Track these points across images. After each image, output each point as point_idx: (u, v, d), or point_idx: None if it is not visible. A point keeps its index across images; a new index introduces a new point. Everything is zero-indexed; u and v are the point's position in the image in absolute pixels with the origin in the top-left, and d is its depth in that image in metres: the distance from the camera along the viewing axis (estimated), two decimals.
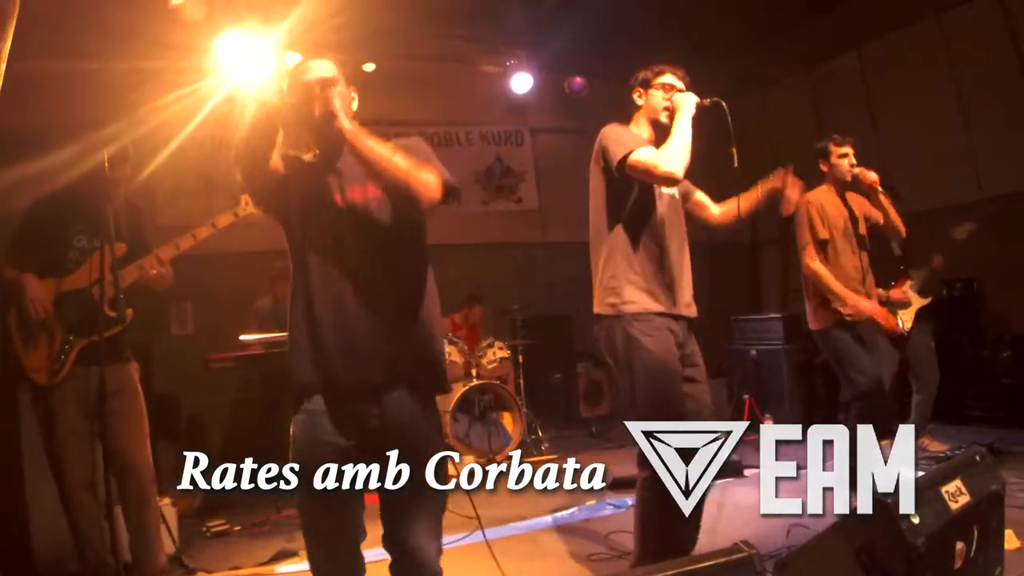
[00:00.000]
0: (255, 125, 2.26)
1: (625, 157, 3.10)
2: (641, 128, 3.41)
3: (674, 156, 3.07)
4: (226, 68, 6.55)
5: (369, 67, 7.66)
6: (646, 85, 3.41)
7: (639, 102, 3.44)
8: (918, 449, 5.67)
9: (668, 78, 3.38)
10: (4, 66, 1.91)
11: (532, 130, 9.47)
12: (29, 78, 5.19)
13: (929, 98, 7.48)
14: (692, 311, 3.43)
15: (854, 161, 4.53)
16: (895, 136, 7.67)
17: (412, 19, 7.63)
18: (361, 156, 2.27)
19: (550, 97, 8.89)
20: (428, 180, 2.33)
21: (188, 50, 6.46)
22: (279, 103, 2.28)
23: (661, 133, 3.27)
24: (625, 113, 3.47)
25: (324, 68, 2.43)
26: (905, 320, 5.63)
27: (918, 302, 5.66)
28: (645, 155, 3.10)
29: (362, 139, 2.26)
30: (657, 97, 3.36)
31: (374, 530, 2.48)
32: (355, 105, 2.54)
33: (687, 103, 3.22)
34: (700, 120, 3.26)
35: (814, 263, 4.49)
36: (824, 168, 4.67)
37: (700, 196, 3.69)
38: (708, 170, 3.64)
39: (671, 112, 3.26)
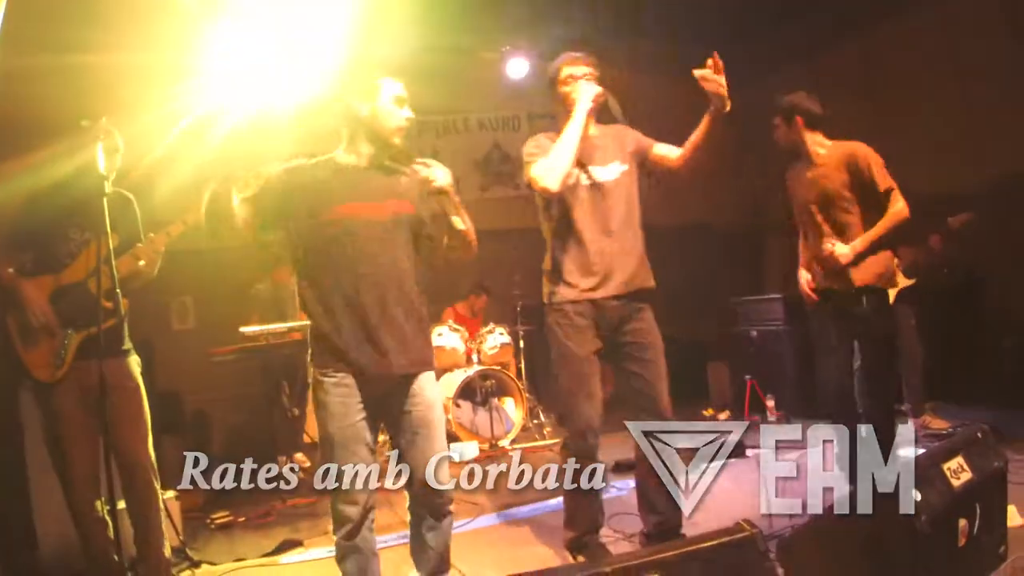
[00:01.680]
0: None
1: (527, 176, 3.45)
2: (562, 127, 3.48)
3: (551, 171, 3.32)
4: (222, 62, 6.54)
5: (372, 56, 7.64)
6: (553, 85, 3.59)
7: (556, 106, 3.63)
8: (919, 427, 5.68)
9: (568, 70, 3.54)
10: None
11: (529, 116, 9.44)
12: (23, 72, 5.18)
13: (931, 86, 7.45)
14: (632, 287, 3.55)
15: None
16: (897, 124, 7.64)
17: (408, 6, 7.60)
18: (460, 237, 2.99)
19: (547, 82, 8.84)
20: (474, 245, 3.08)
21: (184, 44, 6.42)
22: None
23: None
24: (626, 99, 3.59)
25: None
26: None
27: (902, 282, 5.63)
28: (535, 170, 3.39)
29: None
30: (563, 94, 3.53)
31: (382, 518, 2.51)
32: None
33: (582, 98, 3.38)
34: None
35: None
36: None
37: (659, 150, 3.72)
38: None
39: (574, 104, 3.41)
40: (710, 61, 3.32)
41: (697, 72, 3.34)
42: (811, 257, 4.36)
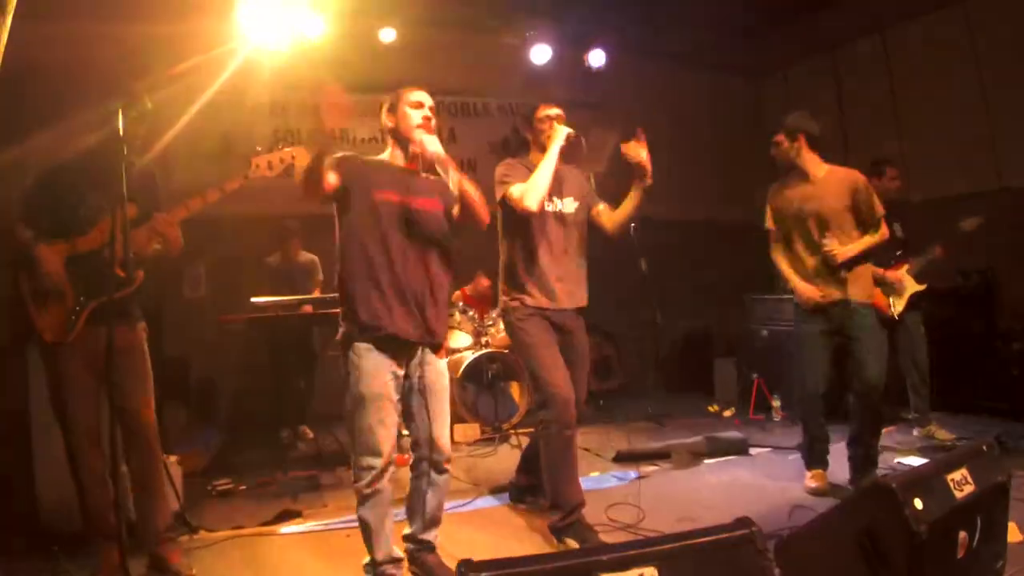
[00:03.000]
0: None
1: (503, 194, 3.98)
2: (533, 156, 4.15)
3: (532, 193, 3.84)
4: (246, 31, 6.54)
5: (387, 36, 7.62)
6: (529, 124, 4.24)
7: (528, 137, 4.26)
8: (925, 437, 5.66)
9: (543, 112, 4.18)
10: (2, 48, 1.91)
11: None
12: (47, 41, 5.19)
13: (952, 85, 7.39)
14: (575, 303, 4.15)
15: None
16: (916, 121, 7.60)
17: None
18: (462, 193, 3.31)
19: (569, 70, 8.80)
20: (486, 214, 3.46)
21: (208, 13, 6.43)
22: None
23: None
24: (648, 89, 3.70)
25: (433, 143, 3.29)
26: (898, 305, 5.61)
27: (912, 287, 5.61)
28: (513, 192, 3.92)
29: (465, 183, 3.31)
30: (538, 131, 4.16)
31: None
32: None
33: (558, 137, 3.95)
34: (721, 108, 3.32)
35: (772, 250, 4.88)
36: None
37: (598, 210, 4.27)
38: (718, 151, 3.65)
39: (550, 141, 3.97)
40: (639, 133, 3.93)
41: (624, 146, 3.95)
42: (805, 272, 4.62)
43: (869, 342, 4.40)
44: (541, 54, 8.53)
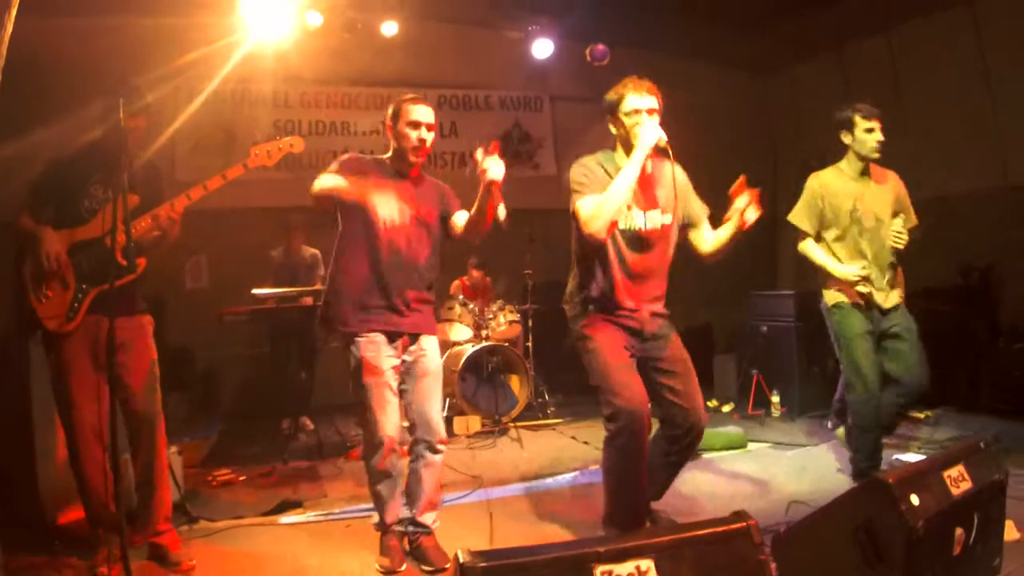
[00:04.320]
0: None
1: (573, 209, 3.40)
2: (619, 154, 3.52)
3: (599, 217, 3.23)
4: (249, 24, 6.54)
5: (389, 29, 7.61)
6: (614, 113, 3.47)
7: (613, 131, 3.54)
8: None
9: (631, 102, 3.39)
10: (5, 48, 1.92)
11: (552, 97, 9.40)
12: (51, 33, 5.20)
13: (958, 84, 7.37)
14: (654, 324, 3.54)
15: (881, 138, 4.29)
16: (922, 119, 7.57)
17: None
18: (488, 215, 3.45)
19: (571, 64, 8.78)
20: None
21: (211, 6, 6.43)
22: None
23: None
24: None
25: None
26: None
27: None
28: (582, 210, 3.32)
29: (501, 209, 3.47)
30: (625, 126, 3.42)
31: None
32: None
33: (645, 141, 3.24)
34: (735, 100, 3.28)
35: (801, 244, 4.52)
36: (847, 141, 4.38)
37: (700, 232, 3.65)
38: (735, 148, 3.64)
39: (636, 142, 3.31)
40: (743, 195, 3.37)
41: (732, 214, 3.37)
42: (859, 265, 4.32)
43: (916, 342, 4.29)
44: (543, 48, 8.51)
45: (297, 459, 5.47)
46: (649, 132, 3.24)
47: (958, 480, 2.54)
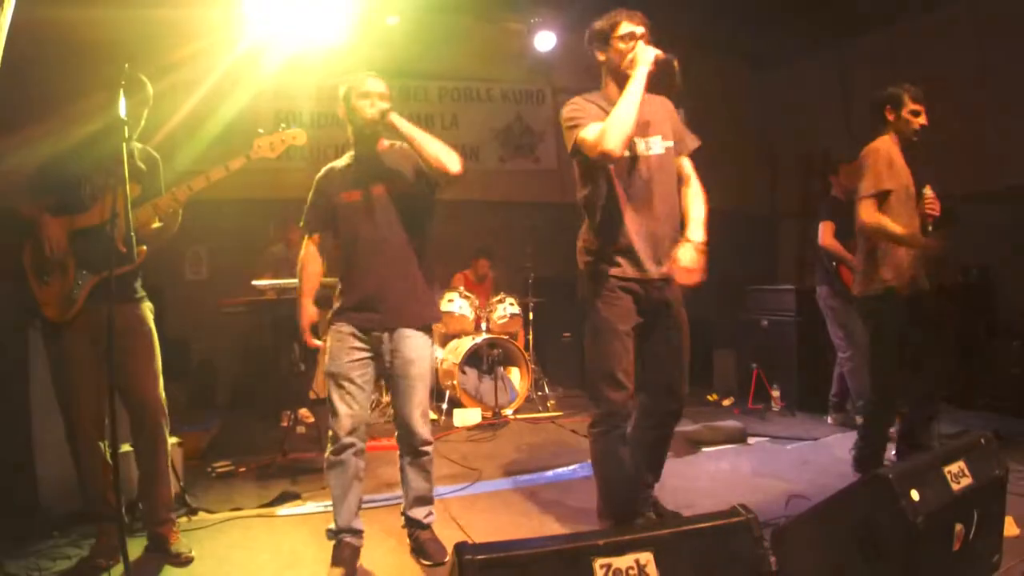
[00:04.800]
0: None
1: (575, 140, 3.24)
2: (610, 89, 3.40)
3: (611, 133, 3.07)
4: (250, 16, 6.53)
5: (392, 20, 7.59)
6: (605, 40, 3.37)
7: (602, 59, 3.43)
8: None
9: (626, 28, 3.32)
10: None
11: (554, 90, 9.39)
12: (49, 26, 5.17)
13: (958, 82, 7.36)
14: (664, 271, 3.37)
15: (925, 122, 4.20)
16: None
17: None
18: (410, 139, 3.23)
19: (574, 57, 8.73)
20: (455, 157, 3.28)
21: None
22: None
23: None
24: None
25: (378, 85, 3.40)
26: None
27: None
28: (587, 135, 3.17)
29: (412, 128, 3.22)
30: (617, 53, 3.32)
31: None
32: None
33: (644, 59, 3.17)
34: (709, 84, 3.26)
35: (873, 215, 4.13)
36: (890, 117, 4.25)
37: (681, 164, 3.56)
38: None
39: (633, 66, 3.21)
40: None
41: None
42: (899, 253, 4.17)
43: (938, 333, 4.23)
44: (546, 41, 8.50)
45: (296, 451, 5.46)
46: (648, 50, 3.19)
47: (959, 476, 2.54)
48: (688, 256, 3.24)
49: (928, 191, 4.23)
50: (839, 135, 8.76)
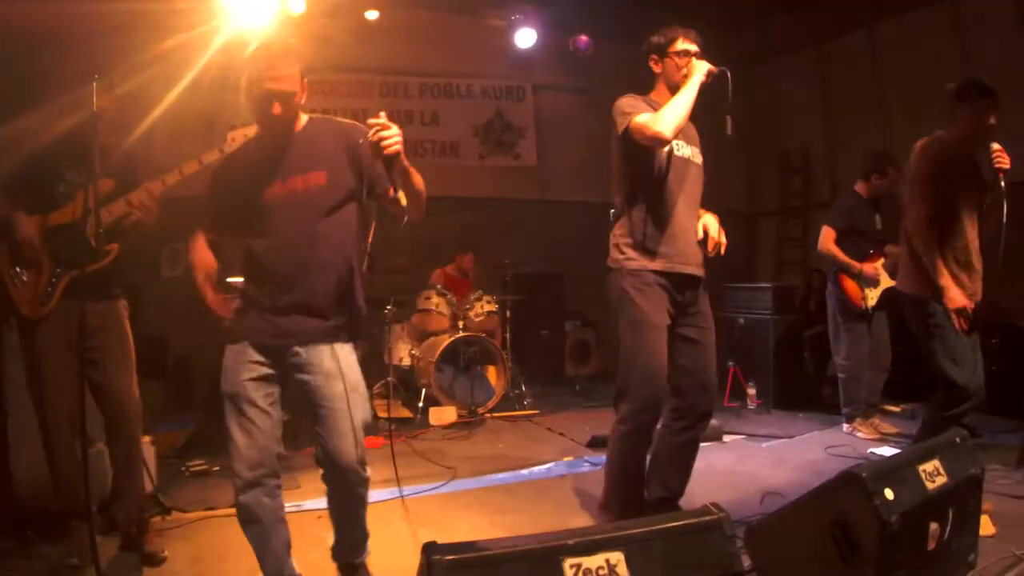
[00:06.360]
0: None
1: (627, 125, 3.33)
2: (661, 94, 3.54)
3: (665, 118, 3.23)
4: (229, 9, 6.47)
5: (372, 15, 7.55)
6: (661, 53, 3.55)
7: (656, 70, 3.60)
8: (871, 428, 5.67)
9: (682, 45, 3.51)
10: None
11: (535, 87, 9.35)
12: (26, 18, 5.12)
13: (939, 81, 7.40)
14: (699, 271, 3.56)
15: (993, 122, 4.11)
16: (902, 116, 7.60)
17: None
18: (410, 183, 2.68)
19: (554, 54, 8.77)
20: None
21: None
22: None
23: None
24: (634, 75, 3.55)
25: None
26: (871, 298, 5.60)
27: (886, 282, 5.58)
28: (641, 119, 3.29)
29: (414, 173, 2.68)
30: (673, 66, 3.50)
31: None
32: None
33: (699, 70, 3.37)
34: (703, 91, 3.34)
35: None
36: (959, 113, 4.22)
37: None
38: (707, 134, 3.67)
39: (688, 78, 3.39)
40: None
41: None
42: (959, 271, 4.20)
43: (977, 341, 4.23)
44: (526, 38, 8.48)
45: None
46: (702, 64, 3.40)
47: (934, 474, 2.54)
48: (716, 224, 3.50)
49: (995, 144, 4.09)
50: (817, 133, 8.81)
